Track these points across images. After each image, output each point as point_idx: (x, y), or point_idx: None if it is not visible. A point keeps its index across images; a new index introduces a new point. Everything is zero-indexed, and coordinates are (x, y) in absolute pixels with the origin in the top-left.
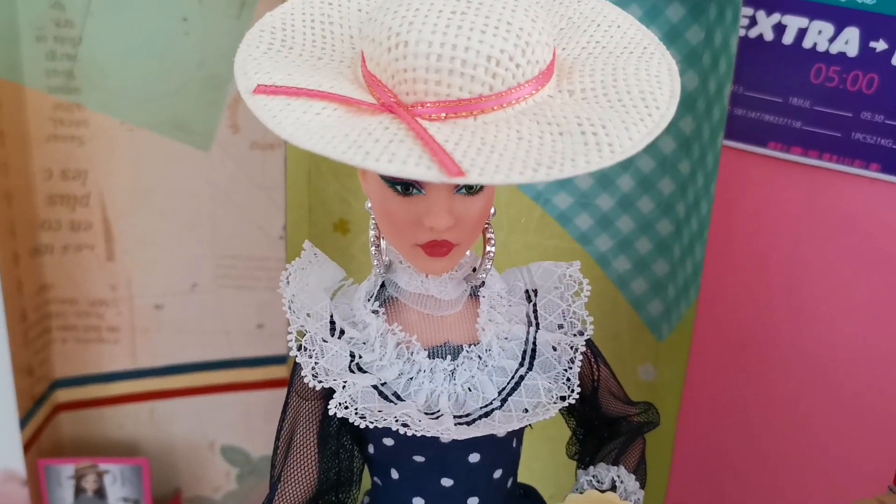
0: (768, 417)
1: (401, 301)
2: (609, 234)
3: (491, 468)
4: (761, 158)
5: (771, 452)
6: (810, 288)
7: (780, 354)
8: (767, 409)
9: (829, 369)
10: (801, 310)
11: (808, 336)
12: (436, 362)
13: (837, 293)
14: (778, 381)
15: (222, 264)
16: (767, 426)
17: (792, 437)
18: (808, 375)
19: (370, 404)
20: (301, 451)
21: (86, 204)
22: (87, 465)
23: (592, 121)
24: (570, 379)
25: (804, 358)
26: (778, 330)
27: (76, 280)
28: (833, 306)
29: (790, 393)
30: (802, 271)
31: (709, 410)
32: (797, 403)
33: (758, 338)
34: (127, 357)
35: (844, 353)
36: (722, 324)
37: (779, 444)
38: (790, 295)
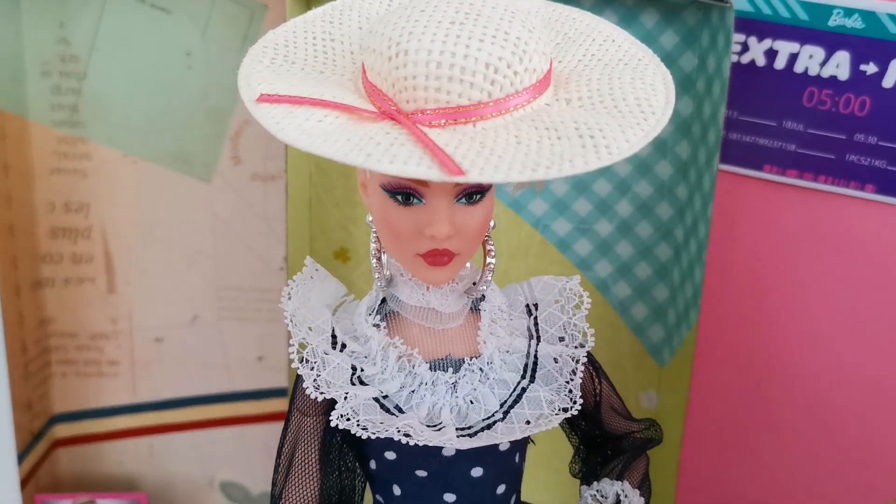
0: (773, 441)
1: (402, 315)
2: (608, 260)
3: (494, 484)
4: (757, 182)
5: (777, 476)
6: (810, 309)
7: (782, 377)
8: (771, 432)
9: (832, 390)
10: (802, 332)
11: (809, 358)
12: (437, 375)
13: (837, 314)
14: (781, 404)
15: (223, 296)
16: (772, 450)
17: (797, 461)
18: (810, 397)
19: (372, 416)
20: (302, 468)
21: (87, 236)
22: (84, 501)
23: (590, 125)
24: (573, 391)
25: (806, 380)
26: (779, 352)
27: (77, 313)
28: (833, 327)
29: (793, 415)
30: (802, 293)
31: (712, 436)
32: (800, 426)
33: (759, 361)
34: (126, 391)
35: (846, 373)
36: (723, 348)
37: (784, 467)
38: (790, 317)
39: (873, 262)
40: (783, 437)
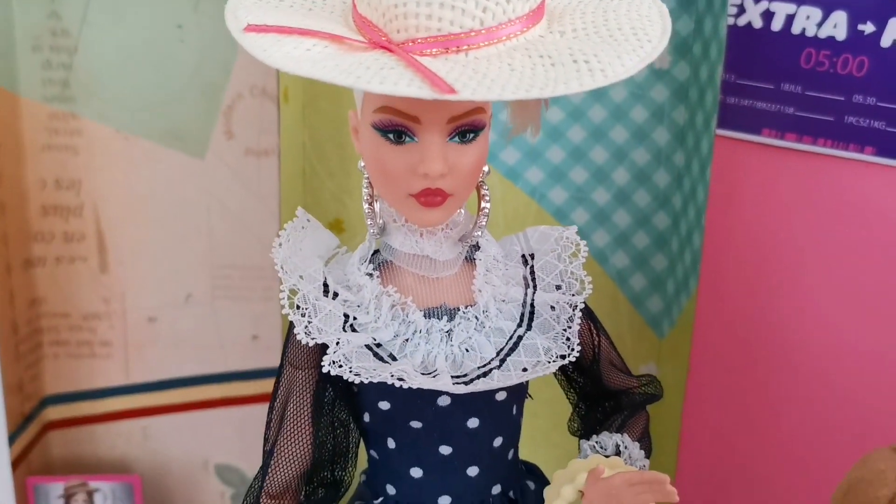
0: (773, 411)
1: (395, 264)
2: (606, 230)
3: (491, 435)
4: (756, 146)
5: (777, 447)
6: (810, 275)
7: (781, 346)
8: (772, 402)
9: (832, 358)
10: (802, 298)
11: (810, 326)
12: (432, 323)
13: (837, 279)
14: (781, 373)
15: (217, 275)
16: (772, 420)
17: (797, 431)
18: (810, 366)
19: (365, 363)
20: (295, 422)
21: (79, 214)
22: (76, 484)
23: (585, 52)
24: (570, 338)
25: (806, 348)
26: (778, 321)
27: (69, 293)
28: (833, 293)
29: (794, 385)
30: (801, 258)
31: (712, 407)
32: (801, 395)
33: (759, 329)
34: (119, 372)
35: (846, 341)
36: (722, 317)
37: (784, 438)
38: (790, 283)
39: (873, 225)
40: (784, 408)
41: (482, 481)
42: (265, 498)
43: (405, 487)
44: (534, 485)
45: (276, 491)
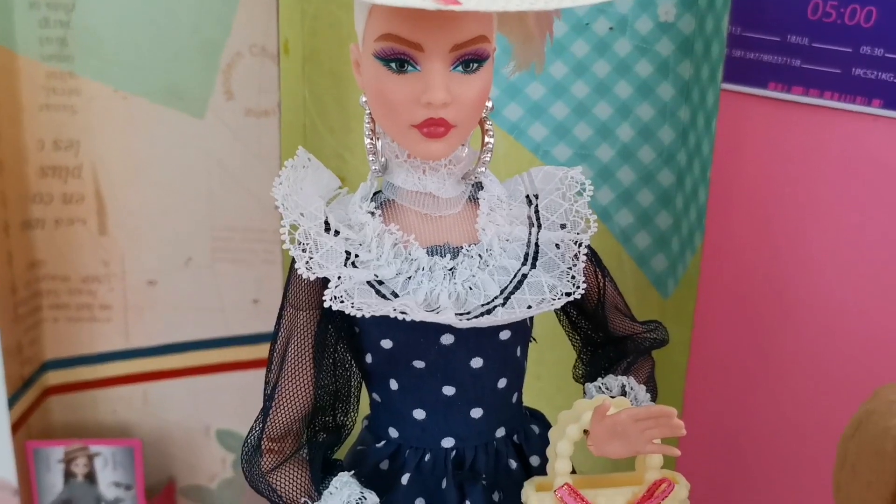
0: (777, 369)
1: (398, 203)
2: (610, 187)
3: (495, 376)
4: (762, 100)
5: (781, 405)
6: (816, 231)
7: (786, 302)
8: (776, 360)
9: (838, 315)
10: (808, 254)
11: (815, 281)
12: (435, 260)
13: (844, 235)
14: (786, 330)
15: (218, 237)
16: (777, 378)
17: (801, 388)
18: (816, 322)
19: (367, 299)
20: (296, 363)
21: (78, 175)
22: (77, 448)
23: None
24: (575, 276)
25: (811, 305)
26: (784, 277)
27: (68, 256)
28: (840, 249)
29: (798, 342)
30: (807, 213)
31: (717, 367)
32: (806, 353)
33: (763, 286)
34: (119, 336)
35: (853, 296)
36: (727, 274)
37: (789, 396)
38: (796, 240)
39: (880, 179)
40: (788, 366)
41: (486, 423)
42: (266, 441)
43: (408, 430)
44: (538, 429)
45: (277, 434)
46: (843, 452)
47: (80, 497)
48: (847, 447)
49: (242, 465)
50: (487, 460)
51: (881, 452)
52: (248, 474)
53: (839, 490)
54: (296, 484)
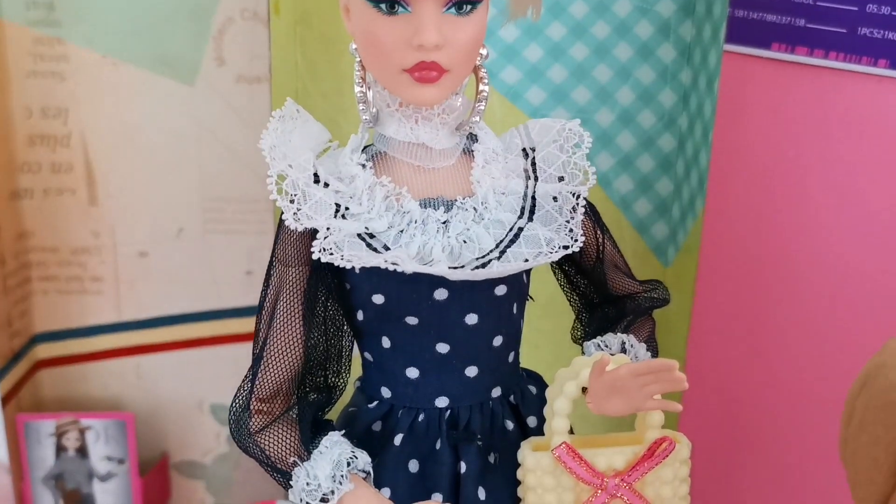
0: (780, 336)
1: (389, 155)
2: (610, 153)
3: (490, 333)
4: (765, 62)
5: (783, 372)
6: (819, 194)
7: (789, 268)
8: (778, 327)
9: (841, 280)
10: (811, 218)
11: (819, 246)
12: (428, 213)
13: (848, 198)
14: (788, 296)
15: (209, 208)
16: (779, 345)
17: (804, 355)
18: (819, 288)
19: (357, 252)
20: (285, 321)
21: (66, 144)
22: (68, 421)
23: None
24: (573, 229)
25: (815, 270)
26: (787, 241)
27: (57, 227)
28: (844, 212)
29: (801, 309)
30: (811, 177)
31: (718, 335)
32: (808, 319)
33: (766, 251)
34: (111, 309)
35: (857, 261)
36: (728, 239)
37: (791, 363)
38: (799, 203)
39: (886, 142)
40: (791, 332)
41: (481, 382)
42: (255, 402)
43: (400, 389)
44: (535, 390)
45: (267, 394)
46: (849, 408)
47: (71, 471)
48: (854, 402)
49: (230, 426)
50: (483, 420)
51: (890, 405)
52: (235, 435)
53: (846, 447)
54: (285, 444)
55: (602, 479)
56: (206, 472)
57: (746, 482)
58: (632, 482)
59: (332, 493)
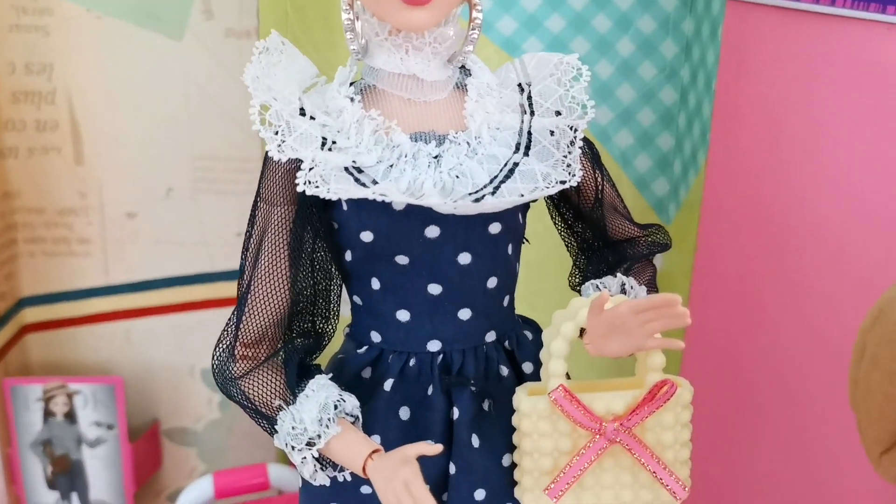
0: (783, 294)
1: (379, 88)
2: (609, 106)
3: (484, 274)
4: (769, 9)
5: (788, 331)
6: (825, 145)
7: (794, 222)
8: (782, 284)
9: (848, 232)
10: (817, 170)
11: (824, 198)
12: (419, 147)
13: (855, 148)
14: (793, 251)
15: (199, 167)
16: (783, 304)
17: (808, 312)
18: (825, 242)
19: (344, 186)
20: (270, 261)
21: (52, 101)
22: (56, 386)
23: None
24: (571, 164)
25: (821, 223)
26: (791, 199)
27: (43, 187)
28: (851, 163)
29: (808, 267)
30: (817, 127)
31: (720, 293)
32: (814, 274)
33: (770, 207)
34: (99, 272)
35: (865, 212)
36: (731, 195)
37: (795, 320)
38: (804, 156)
39: (893, 91)
40: (796, 291)
41: (475, 326)
42: (240, 348)
43: (391, 333)
44: (531, 335)
45: (251, 339)
46: (860, 346)
47: (60, 437)
48: (866, 339)
49: (213, 372)
50: (476, 365)
51: None
52: (219, 380)
53: (856, 387)
54: (269, 388)
55: (600, 424)
56: (197, 439)
57: (748, 439)
58: (631, 427)
59: (318, 437)
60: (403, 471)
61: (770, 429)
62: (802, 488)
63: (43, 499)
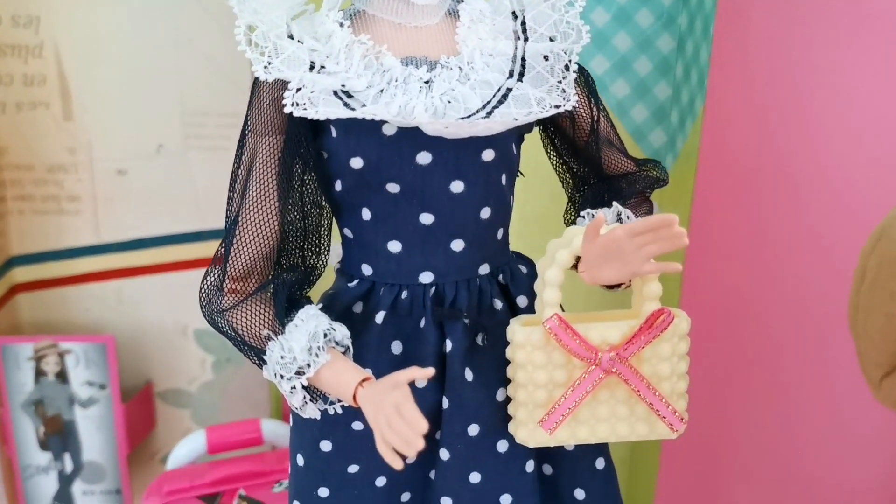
0: (780, 246)
1: (369, 13)
2: (605, 55)
3: (477, 204)
4: None
5: (785, 283)
6: (828, 92)
7: (790, 176)
8: (779, 236)
9: (851, 182)
10: (818, 118)
11: (824, 148)
12: (409, 71)
13: (859, 97)
14: (788, 207)
15: (189, 122)
16: (780, 255)
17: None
18: (824, 193)
19: (333, 109)
20: (259, 192)
21: (39, 55)
22: (47, 345)
23: None
24: (566, 89)
25: (822, 173)
26: (791, 143)
27: (32, 143)
28: (855, 111)
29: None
30: (819, 72)
31: (717, 246)
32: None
33: (767, 157)
34: (89, 230)
35: (870, 161)
36: (729, 145)
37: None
38: (805, 101)
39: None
40: (793, 242)
41: (468, 257)
42: (228, 282)
43: (382, 265)
44: (526, 270)
45: (240, 273)
46: (861, 270)
47: (51, 396)
48: (867, 260)
49: (201, 305)
50: (469, 298)
51: None
52: (206, 312)
53: (856, 312)
54: (258, 318)
55: (596, 354)
56: (192, 401)
57: (744, 387)
58: (627, 357)
59: (308, 366)
60: (394, 394)
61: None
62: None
63: (35, 460)
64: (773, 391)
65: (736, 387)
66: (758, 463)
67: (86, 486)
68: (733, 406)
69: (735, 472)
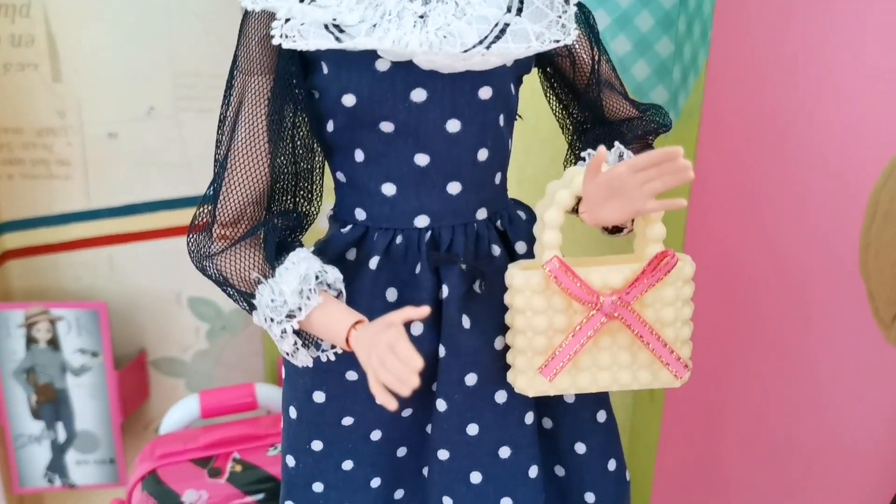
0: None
1: None
2: (606, 10)
3: (474, 144)
4: None
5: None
6: (830, 47)
7: (793, 134)
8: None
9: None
10: (820, 73)
11: (828, 102)
12: (403, 4)
13: (862, 55)
14: (789, 166)
15: (181, 84)
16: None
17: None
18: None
19: (323, 42)
20: (248, 133)
21: (26, 14)
22: (38, 311)
23: None
24: (566, 24)
25: (826, 130)
26: (793, 98)
27: (20, 106)
28: (858, 69)
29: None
30: (824, 27)
31: (718, 208)
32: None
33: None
34: (80, 195)
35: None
36: (730, 100)
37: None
38: (808, 56)
39: None
40: (796, 200)
41: (464, 201)
42: (217, 228)
43: (376, 208)
44: (525, 216)
45: (229, 218)
46: (872, 206)
47: (43, 364)
48: (878, 197)
49: (189, 251)
50: (466, 243)
51: None
52: (194, 259)
53: (867, 250)
54: (247, 262)
55: (597, 298)
56: (186, 370)
57: (742, 350)
58: (630, 301)
59: (299, 309)
60: (387, 333)
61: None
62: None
63: (27, 429)
64: (772, 352)
65: (736, 349)
66: (756, 426)
67: (79, 455)
68: (734, 368)
69: (735, 437)
